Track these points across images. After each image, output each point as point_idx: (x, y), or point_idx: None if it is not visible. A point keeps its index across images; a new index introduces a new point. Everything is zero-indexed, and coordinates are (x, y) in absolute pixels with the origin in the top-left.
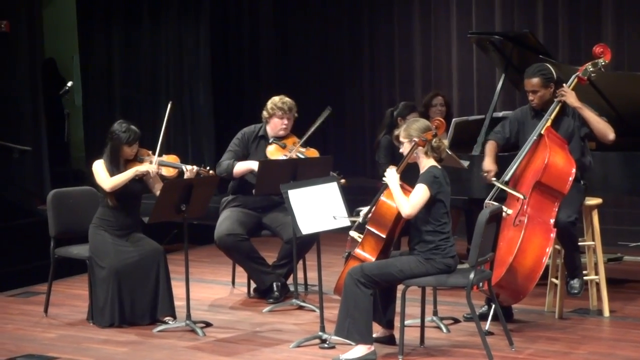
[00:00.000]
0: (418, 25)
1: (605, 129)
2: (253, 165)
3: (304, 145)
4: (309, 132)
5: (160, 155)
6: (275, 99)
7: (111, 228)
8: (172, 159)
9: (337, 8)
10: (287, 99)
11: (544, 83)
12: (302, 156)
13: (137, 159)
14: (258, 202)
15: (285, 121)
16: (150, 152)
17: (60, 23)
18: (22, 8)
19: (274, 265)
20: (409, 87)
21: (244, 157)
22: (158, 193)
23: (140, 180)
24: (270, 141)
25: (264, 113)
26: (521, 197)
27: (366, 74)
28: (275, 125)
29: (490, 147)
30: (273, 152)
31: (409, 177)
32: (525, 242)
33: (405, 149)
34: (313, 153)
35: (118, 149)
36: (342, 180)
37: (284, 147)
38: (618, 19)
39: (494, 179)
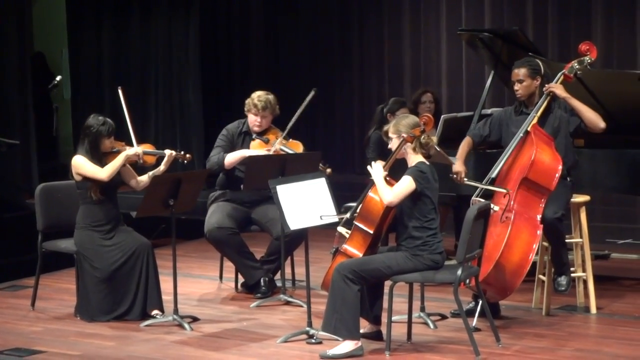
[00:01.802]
0: (408, 22)
1: (595, 118)
2: (245, 152)
3: (288, 137)
4: (292, 122)
5: (137, 143)
6: (255, 94)
7: (98, 225)
8: (148, 146)
9: (327, 4)
10: (265, 97)
11: (531, 73)
12: (285, 149)
13: (113, 151)
14: (246, 197)
15: (259, 119)
16: (123, 144)
17: (49, 17)
18: (12, 2)
19: (262, 261)
20: (399, 84)
21: (231, 151)
22: (134, 185)
23: (117, 172)
24: (253, 137)
25: (245, 107)
26: (504, 191)
27: (356, 70)
28: (250, 121)
29: (464, 144)
30: (256, 147)
31: (397, 172)
32: (512, 238)
33: (393, 144)
34: (296, 145)
35: (98, 142)
36: (328, 170)
37: (267, 142)
38: (607, 17)
39: (465, 179)
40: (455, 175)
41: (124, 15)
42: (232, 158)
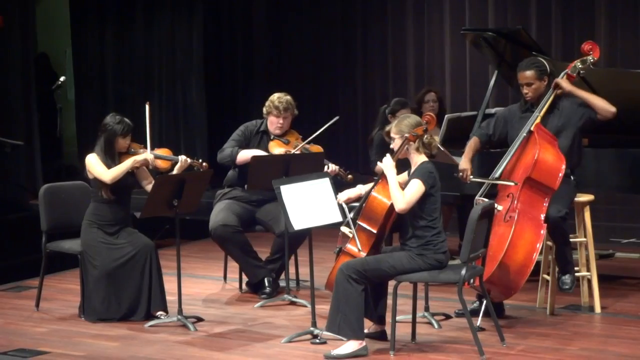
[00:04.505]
0: (411, 22)
1: (605, 104)
2: (258, 152)
3: (309, 142)
4: (315, 135)
5: (152, 148)
6: (274, 96)
7: (105, 224)
8: (164, 151)
9: (331, 5)
10: (285, 98)
11: (539, 75)
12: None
13: (129, 152)
14: (253, 196)
15: (281, 120)
16: (142, 146)
17: (53, 18)
18: (16, 2)
19: (267, 260)
20: (402, 84)
21: (245, 148)
22: (147, 187)
23: (132, 174)
24: (272, 137)
25: (264, 109)
26: (512, 184)
27: (359, 70)
28: (272, 123)
29: (471, 143)
30: (275, 147)
31: (399, 173)
32: (516, 237)
33: (396, 144)
34: (318, 149)
35: (112, 141)
36: (349, 177)
37: (286, 143)
38: (611, 16)
39: (471, 176)
40: (461, 174)
41: (127, 15)
42: (245, 155)
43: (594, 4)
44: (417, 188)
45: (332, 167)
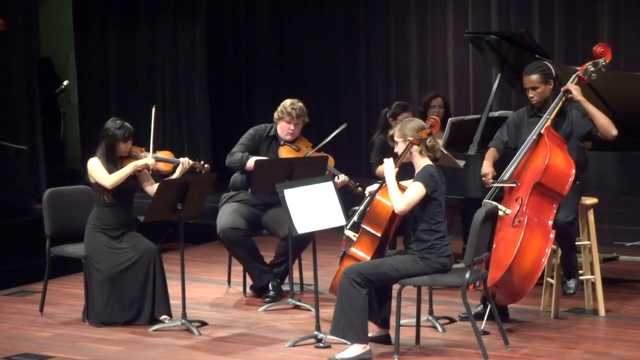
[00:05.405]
0: (414, 25)
1: (608, 125)
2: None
3: (319, 150)
4: (323, 142)
5: (154, 151)
6: (287, 102)
7: (108, 228)
8: (166, 154)
9: (334, 8)
10: (298, 105)
11: (544, 79)
12: None
13: (130, 156)
14: (259, 199)
15: (292, 127)
16: (143, 149)
17: (56, 22)
18: (19, 7)
19: (272, 264)
20: (405, 87)
21: (254, 153)
22: (147, 189)
23: (134, 177)
24: (282, 143)
25: (275, 114)
26: (513, 184)
27: (362, 73)
28: (282, 129)
29: (490, 153)
30: (285, 154)
31: (403, 176)
32: (525, 243)
33: (399, 148)
34: (329, 161)
35: (114, 146)
36: (359, 189)
37: (297, 149)
38: (614, 19)
39: (491, 180)
40: (483, 178)
41: (130, 19)
42: (254, 162)
43: (597, 7)
44: (417, 191)
45: (341, 178)
